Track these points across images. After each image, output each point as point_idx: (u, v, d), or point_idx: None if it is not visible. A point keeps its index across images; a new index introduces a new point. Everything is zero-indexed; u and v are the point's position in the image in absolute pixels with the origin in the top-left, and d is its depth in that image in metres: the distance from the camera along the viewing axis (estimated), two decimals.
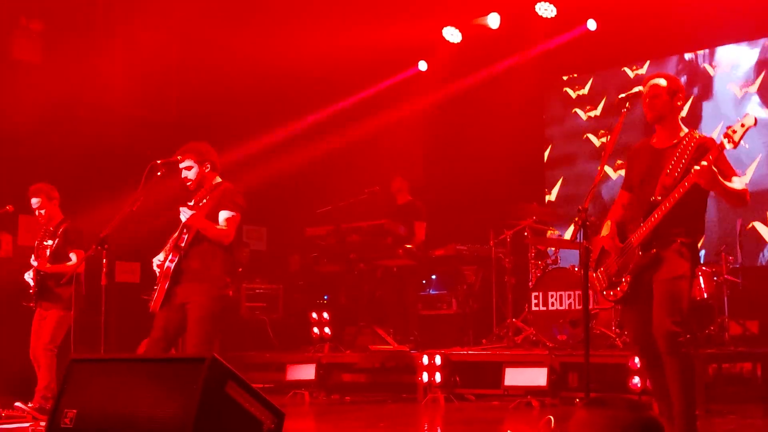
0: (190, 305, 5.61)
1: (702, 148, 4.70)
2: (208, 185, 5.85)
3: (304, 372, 8.91)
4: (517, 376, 7.61)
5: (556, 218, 9.99)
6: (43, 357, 7.33)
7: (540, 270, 8.77)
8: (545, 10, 10.82)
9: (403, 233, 9.28)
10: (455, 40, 11.61)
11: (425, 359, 8.08)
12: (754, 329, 8.93)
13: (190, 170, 5.86)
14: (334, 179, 11.23)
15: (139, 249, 9.20)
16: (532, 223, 8.92)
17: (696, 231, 4.83)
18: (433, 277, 10.41)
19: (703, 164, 4.46)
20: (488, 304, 9.37)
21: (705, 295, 8.08)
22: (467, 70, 11.81)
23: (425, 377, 8.06)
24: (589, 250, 4.78)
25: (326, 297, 10.79)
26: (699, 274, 7.91)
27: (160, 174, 5.93)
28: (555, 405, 7.31)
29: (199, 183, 5.87)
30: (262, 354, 10.02)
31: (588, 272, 4.69)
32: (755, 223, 9.95)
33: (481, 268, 10.00)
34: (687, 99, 5.08)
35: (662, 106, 4.84)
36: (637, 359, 6.75)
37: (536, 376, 7.46)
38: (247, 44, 10.64)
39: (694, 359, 4.82)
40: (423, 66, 12.24)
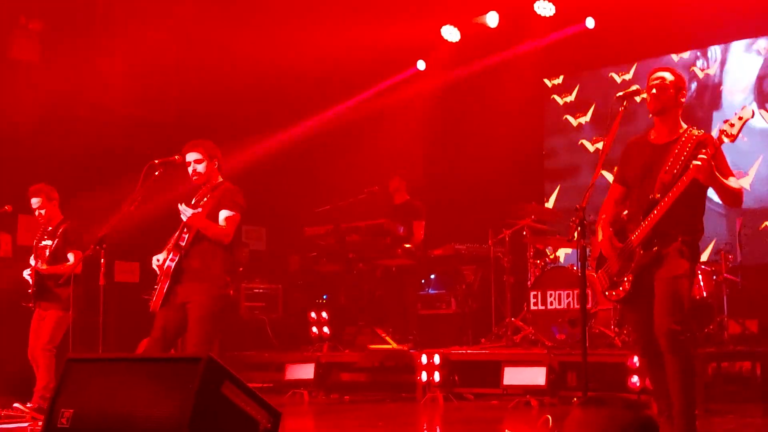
0: (191, 305, 5.60)
1: (702, 146, 4.69)
2: (210, 183, 5.82)
3: (303, 371, 8.91)
4: (516, 376, 7.60)
5: (557, 222, 9.96)
6: (41, 357, 7.33)
7: (539, 269, 8.76)
8: (544, 8, 10.81)
9: (402, 233, 9.28)
10: (454, 39, 11.61)
11: (424, 358, 8.08)
12: (753, 328, 8.91)
13: (200, 164, 5.80)
14: (334, 179, 11.22)
15: (138, 249, 9.21)
16: (531, 223, 8.92)
17: (696, 229, 4.82)
18: (432, 276, 10.40)
19: (702, 158, 4.46)
20: (487, 304, 9.36)
21: (704, 293, 8.07)
22: (466, 69, 11.80)
23: (424, 376, 8.05)
24: (587, 249, 4.77)
25: (325, 296, 10.78)
26: (698, 272, 7.89)
27: (158, 174, 5.92)
28: (554, 404, 7.30)
29: (207, 178, 5.83)
30: (262, 353, 10.02)
31: (585, 271, 4.68)
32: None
33: (480, 268, 9.99)
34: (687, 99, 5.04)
35: (667, 99, 4.83)
36: (636, 358, 6.75)
37: (535, 376, 7.46)
38: (247, 44, 10.62)
39: (695, 358, 4.82)
40: (422, 65, 12.24)
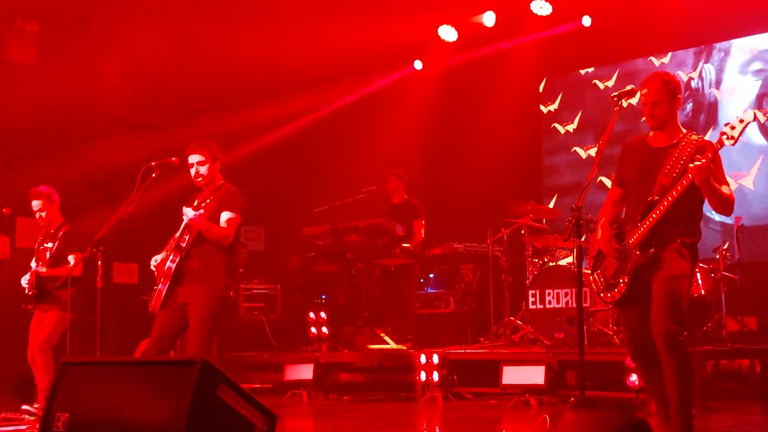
0: (192, 306, 5.60)
1: (701, 151, 4.67)
2: (212, 185, 5.79)
3: (302, 372, 8.91)
4: (514, 375, 7.60)
5: (555, 221, 9.95)
6: (39, 357, 7.33)
7: (537, 268, 8.75)
8: (540, 8, 10.81)
9: (401, 232, 9.27)
10: (451, 39, 11.60)
11: (423, 358, 8.07)
12: (752, 326, 8.90)
13: (203, 165, 5.78)
14: (332, 179, 11.23)
15: (136, 250, 9.21)
16: (529, 222, 8.91)
17: (694, 231, 4.80)
18: (431, 275, 10.40)
19: (703, 161, 4.44)
20: (486, 303, 9.36)
21: (702, 291, 8.07)
22: (463, 68, 11.80)
23: (423, 376, 8.05)
24: (583, 248, 4.76)
25: (324, 297, 10.78)
26: (696, 270, 7.87)
27: (155, 176, 5.92)
28: (553, 403, 7.29)
29: (210, 180, 5.80)
30: (261, 354, 10.03)
31: (582, 270, 4.67)
32: None
33: (478, 267, 9.99)
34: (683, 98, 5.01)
35: (664, 113, 4.78)
36: None
37: (534, 375, 7.45)
38: (243, 44, 10.62)
39: (692, 358, 4.81)
40: (419, 65, 12.24)
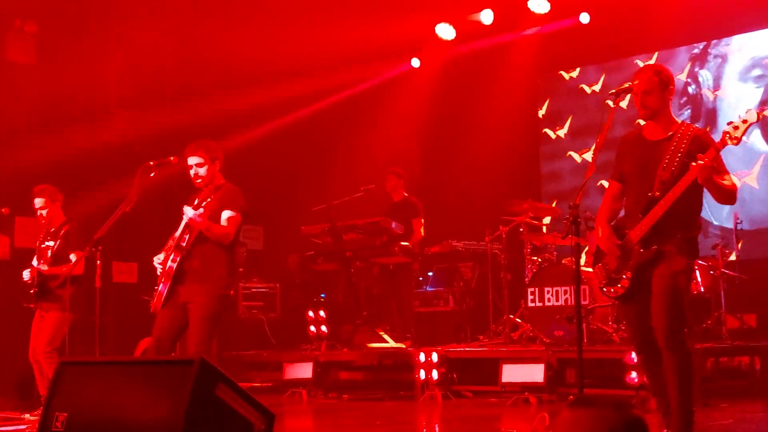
0: (192, 305, 5.61)
1: (697, 141, 4.66)
2: (212, 185, 5.79)
3: (302, 370, 8.91)
4: (514, 373, 7.60)
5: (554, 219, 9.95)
6: (44, 362, 7.28)
7: (536, 266, 8.75)
8: (539, 5, 10.80)
9: (399, 230, 9.26)
10: (449, 37, 11.60)
11: (422, 356, 8.07)
12: (751, 323, 8.91)
13: (202, 167, 5.77)
14: (331, 177, 11.23)
15: (136, 249, 9.22)
16: (528, 219, 8.91)
17: (694, 226, 4.79)
18: (430, 274, 10.40)
19: (705, 161, 4.44)
20: (485, 301, 9.35)
21: (702, 289, 8.07)
22: (461, 66, 11.79)
23: (422, 374, 8.05)
24: (581, 246, 4.76)
25: (323, 295, 10.79)
26: (695, 267, 7.88)
27: (153, 175, 5.92)
28: (552, 401, 7.30)
29: (209, 181, 5.80)
30: (260, 353, 10.04)
31: (579, 268, 4.67)
32: None
33: (477, 265, 9.99)
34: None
35: (655, 102, 4.76)
36: (634, 354, 6.74)
37: (533, 373, 7.45)
38: (241, 43, 10.63)
39: (692, 354, 4.81)
40: (416, 63, 12.24)
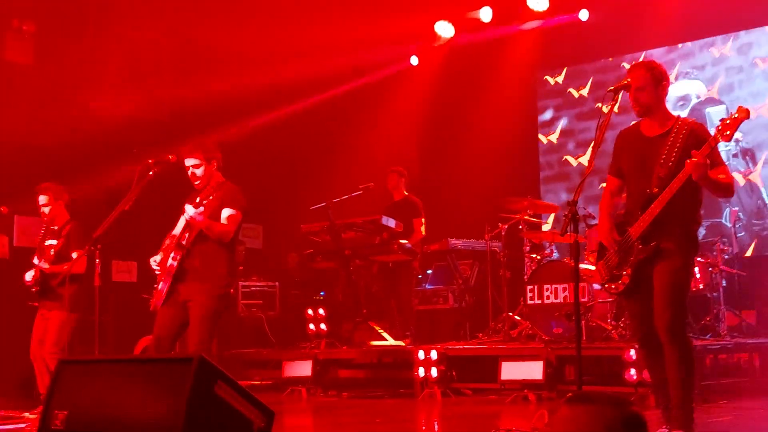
0: (193, 303, 5.62)
1: (693, 135, 4.67)
2: (213, 183, 5.81)
3: (301, 369, 8.92)
4: (513, 370, 7.60)
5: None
6: (51, 363, 7.24)
7: (535, 263, 8.75)
8: (537, 2, 10.80)
9: (399, 228, 9.26)
10: (448, 35, 11.59)
11: (421, 354, 8.08)
12: (750, 320, 8.92)
13: (199, 168, 5.79)
14: (330, 176, 11.23)
15: (135, 248, 9.22)
16: (527, 217, 8.91)
17: (694, 220, 4.81)
18: (429, 271, 10.40)
19: (699, 157, 4.44)
20: (484, 299, 9.36)
21: (701, 286, 8.07)
22: (460, 64, 11.79)
23: (422, 372, 8.05)
24: (580, 243, 4.76)
25: (322, 293, 10.79)
26: (694, 264, 7.88)
27: (152, 173, 5.92)
28: (551, 398, 7.30)
29: (208, 181, 5.82)
30: (260, 351, 10.04)
31: (578, 265, 4.67)
32: None
33: (476, 263, 9.99)
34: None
35: (648, 98, 4.77)
36: (633, 351, 6.75)
37: (532, 370, 7.45)
38: (240, 42, 10.63)
39: (694, 350, 4.83)
40: (415, 61, 12.23)
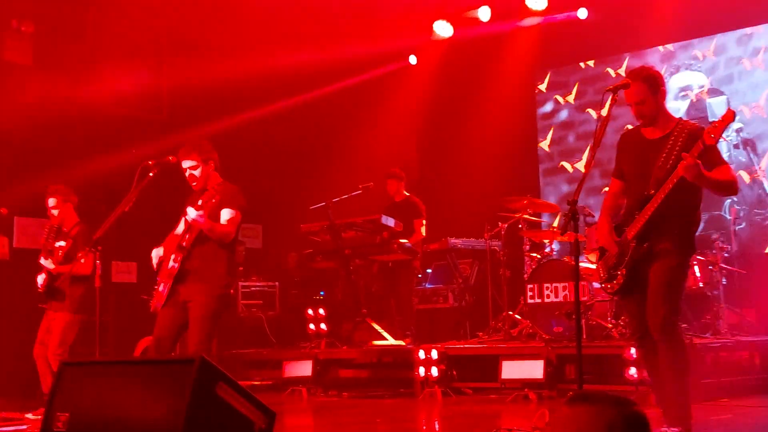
0: (193, 304, 5.63)
1: (692, 138, 4.68)
2: (212, 184, 5.81)
3: (301, 368, 8.92)
4: (513, 369, 7.60)
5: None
6: (55, 364, 7.25)
7: (535, 262, 8.76)
8: (536, 1, 10.80)
9: (397, 227, 9.26)
10: (446, 34, 11.59)
11: (422, 354, 8.07)
12: (750, 318, 8.92)
13: (196, 170, 5.80)
14: (329, 175, 11.23)
15: (135, 249, 9.21)
16: (527, 216, 8.92)
17: (691, 221, 4.82)
18: (429, 271, 10.40)
19: (689, 158, 4.45)
20: (484, 298, 9.37)
21: (701, 284, 8.08)
22: (459, 63, 11.79)
23: (422, 372, 8.05)
24: (579, 242, 4.77)
25: (322, 293, 10.79)
26: (693, 263, 7.89)
27: (152, 174, 5.93)
28: (552, 397, 7.30)
29: (205, 182, 5.83)
30: (260, 351, 10.04)
31: (578, 263, 4.68)
32: None
33: (476, 262, 9.99)
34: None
35: (650, 110, 4.80)
36: (633, 350, 6.76)
37: (533, 369, 7.45)
38: (237, 42, 10.63)
39: (687, 347, 4.84)
40: (413, 60, 12.23)
